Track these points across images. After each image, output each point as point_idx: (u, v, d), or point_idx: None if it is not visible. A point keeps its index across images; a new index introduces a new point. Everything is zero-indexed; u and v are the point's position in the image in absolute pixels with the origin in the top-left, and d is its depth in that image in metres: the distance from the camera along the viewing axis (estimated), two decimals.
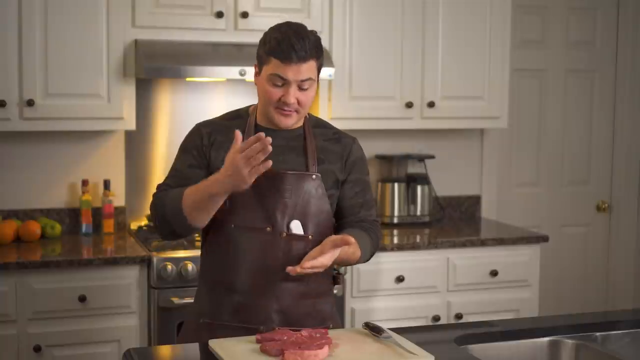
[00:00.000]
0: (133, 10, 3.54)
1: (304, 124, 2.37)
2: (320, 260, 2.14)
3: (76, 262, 3.27)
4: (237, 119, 2.37)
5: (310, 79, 2.25)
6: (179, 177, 2.31)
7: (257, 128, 2.33)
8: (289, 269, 2.14)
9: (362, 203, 2.41)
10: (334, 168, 2.35)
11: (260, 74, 2.29)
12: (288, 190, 2.27)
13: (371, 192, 2.46)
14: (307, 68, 2.23)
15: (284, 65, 2.21)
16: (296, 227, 2.28)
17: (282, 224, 2.27)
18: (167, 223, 2.25)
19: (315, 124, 2.41)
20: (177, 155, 2.37)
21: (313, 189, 2.30)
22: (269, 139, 2.03)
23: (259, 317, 2.27)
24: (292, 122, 2.29)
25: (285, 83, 2.22)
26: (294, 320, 2.27)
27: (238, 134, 2.08)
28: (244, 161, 2.04)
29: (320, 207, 2.31)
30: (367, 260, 2.43)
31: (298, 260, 2.23)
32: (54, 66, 3.45)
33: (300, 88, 2.24)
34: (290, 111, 2.25)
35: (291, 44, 2.20)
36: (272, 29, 2.28)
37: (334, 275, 2.43)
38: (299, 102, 2.25)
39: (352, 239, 2.14)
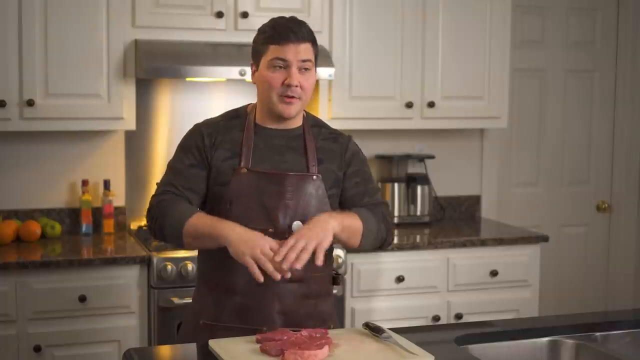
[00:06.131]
0: (133, 10, 3.54)
1: (303, 123, 2.37)
2: (290, 252, 2.10)
3: (76, 262, 3.27)
4: (236, 118, 2.36)
5: (309, 60, 2.26)
6: (180, 176, 2.30)
7: (257, 127, 2.33)
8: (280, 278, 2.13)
9: (364, 191, 2.38)
10: (333, 167, 2.35)
11: (258, 68, 2.30)
12: (290, 191, 2.26)
13: (373, 182, 2.42)
14: (305, 49, 2.26)
15: (282, 47, 2.23)
16: (298, 228, 2.26)
17: (284, 225, 2.26)
18: (162, 234, 2.28)
19: (313, 123, 2.41)
20: (175, 155, 2.36)
21: (314, 190, 2.29)
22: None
23: (260, 318, 2.26)
24: (295, 110, 2.28)
25: (286, 65, 2.24)
26: (295, 321, 2.26)
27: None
28: (263, 254, 2.09)
29: (321, 207, 2.30)
30: (378, 238, 2.34)
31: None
32: (54, 66, 3.45)
33: (301, 70, 2.24)
34: (293, 97, 2.25)
35: (288, 27, 2.26)
36: (264, 24, 2.33)
37: (333, 276, 2.42)
38: (301, 87, 2.25)
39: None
